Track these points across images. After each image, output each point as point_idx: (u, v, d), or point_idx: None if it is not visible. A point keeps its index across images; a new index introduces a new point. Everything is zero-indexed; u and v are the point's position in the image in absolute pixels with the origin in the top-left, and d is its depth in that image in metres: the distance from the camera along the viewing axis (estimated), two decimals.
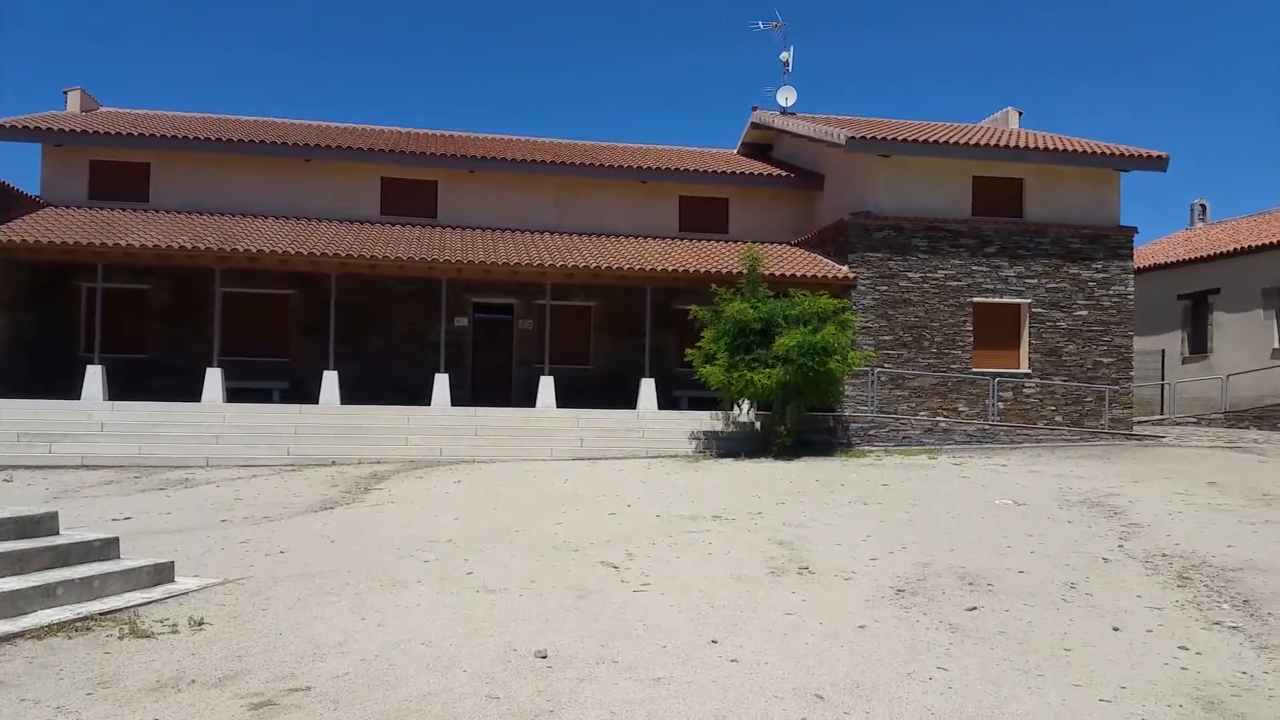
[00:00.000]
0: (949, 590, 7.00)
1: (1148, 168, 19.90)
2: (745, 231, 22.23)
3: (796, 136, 22.79)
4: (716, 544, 8.70)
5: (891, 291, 19.21)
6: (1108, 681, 5.06)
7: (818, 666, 5.22)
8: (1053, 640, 5.81)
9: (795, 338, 16.08)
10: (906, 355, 19.17)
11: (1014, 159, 19.58)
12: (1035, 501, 11.05)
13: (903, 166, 19.43)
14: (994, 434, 18.33)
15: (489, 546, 8.60)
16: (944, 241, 19.38)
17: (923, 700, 4.74)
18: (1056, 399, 19.59)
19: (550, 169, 21.82)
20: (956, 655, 5.49)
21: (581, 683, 4.88)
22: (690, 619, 6.17)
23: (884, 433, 18.05)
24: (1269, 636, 5.87)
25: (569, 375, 20.07)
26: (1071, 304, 19.72)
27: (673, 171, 22.15)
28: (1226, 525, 9.40)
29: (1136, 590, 7.02)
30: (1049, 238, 19.67)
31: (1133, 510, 10.33)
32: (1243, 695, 4.86)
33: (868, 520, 9.96)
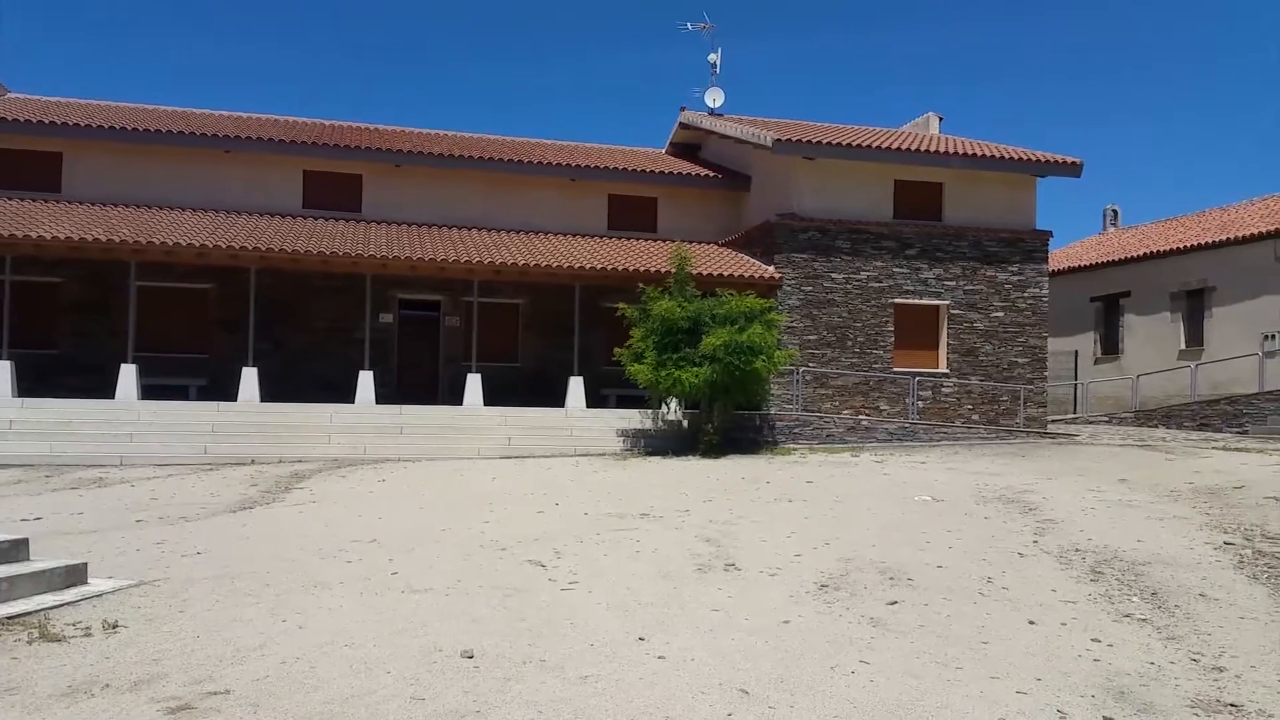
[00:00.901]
0: (871, 585, 7.13)
1: (1063, 174, 20.56)
2: (674, 231, 22.36)
3: (724, 138, 23.00)
4: (644, 542, 8.73)
5: (816, 292, 19.50)
6: (1024, 673, 5.21)
7: (744, 662, 5.27)
8: (971, 633, 5.96)
9: (722, 337, 16.23)
10: (830, 355, 19.49)
11: (934, 164, 20.05)
12: (953, 498, 11.33)
13: (827, 169, 19.74)
14: (914, 432, 18.75)
15: (414, 546, 8.49)
16: (867, 244, 19.75)
17: (846, 693, 4.82)
18: (974, 398, 20.12)
19: (478, 164, 21.61)
20: (878, 649, 5.60)
21: (508, 682, 4.84)
22: (618, 616, 6.18)
23: (808, 431, 18.33)
24: (1175, 628, 6.11)
25: (497, 373, 19.92)
26: (988, 305, 20.27)
27: (602, 170, 22.15)
28: (1136, 521, 9.76)
29: (1051, 584, 7.24)
30: (967, 241, 20.19)
31: (1047, 506, 10.66)
32: (1150, 685, 5.06)
33: (793, 517, 10.10)
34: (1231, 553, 8.19)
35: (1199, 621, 6.22)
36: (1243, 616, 6.33)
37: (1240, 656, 5.51)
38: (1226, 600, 6.72)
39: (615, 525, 9.59)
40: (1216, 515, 9.91)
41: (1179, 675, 5.20)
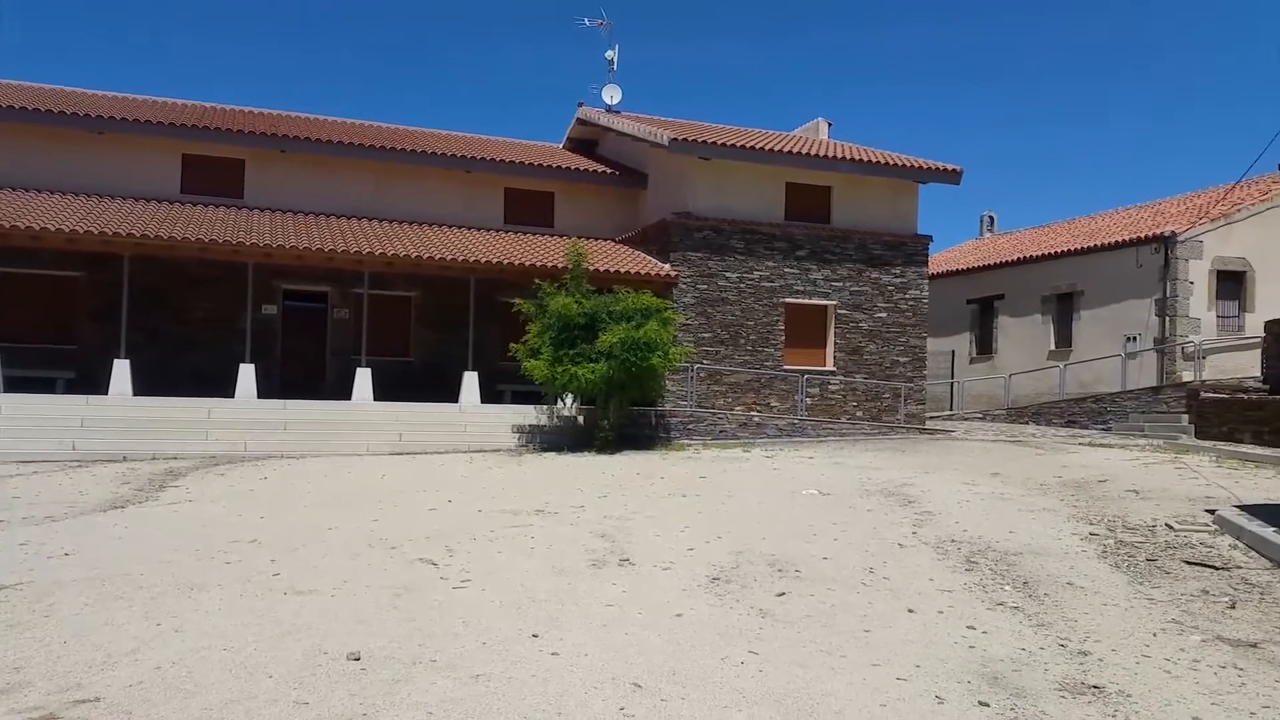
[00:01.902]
0: (760, 577, 7.28)
1: (943, 180, 21.35)
2: (571, 226, 22.31)
3: (621, 135, 23.07)
4: (539, 538, 8.70)
5: (711, 290, 19.77)
6: (904, 660, 5.40)
7: (636, 656, 5.32)
8: (854, 622, 6.15)
9: (619, 333, 16.29)
10: (724, 352, 19.80)
11: (823, 168, 20.56)
12: (839, 492, 11.65)
13: (722, 170, 20.03)
14: (802, 428, 19.21)
15: (298, 546, 8.25)
16: (759, 244, 20.13)
17: (735, 684, 4.92)
18: (858, 395, 20.74)
19: (369, 153, 21.10)
20: (767, 639, 5.72)
21: (397, 684, 4.77)
22: (511, 614, 6.15)
23: (702, 427, 18.58)
24: (1045, 615, 6.43)
25: (387, 367, 19.53)
26: (873, 306, 20.91)
27: (498, 163, 21.92)
28: (1008, 513, 10.22)
29: (929, 574, 7.53)
30: (854, 243, 20.79)
31: (926, 499, 11.06)
32: (1022, 670, 5.31)
33: (686, 512, 10.22)
34: (1096, 543, 8.66)
35: (1066, 609, 6.56)
36: (1105, 603, 6.71)
37: (1103, 641, 5.84)
38: (1091, 588, 7.11)
39: (509, 522, 9.53)
40: (1082, 507, 10.47)
41: (1048, 660, 5.48)
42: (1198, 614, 6.45)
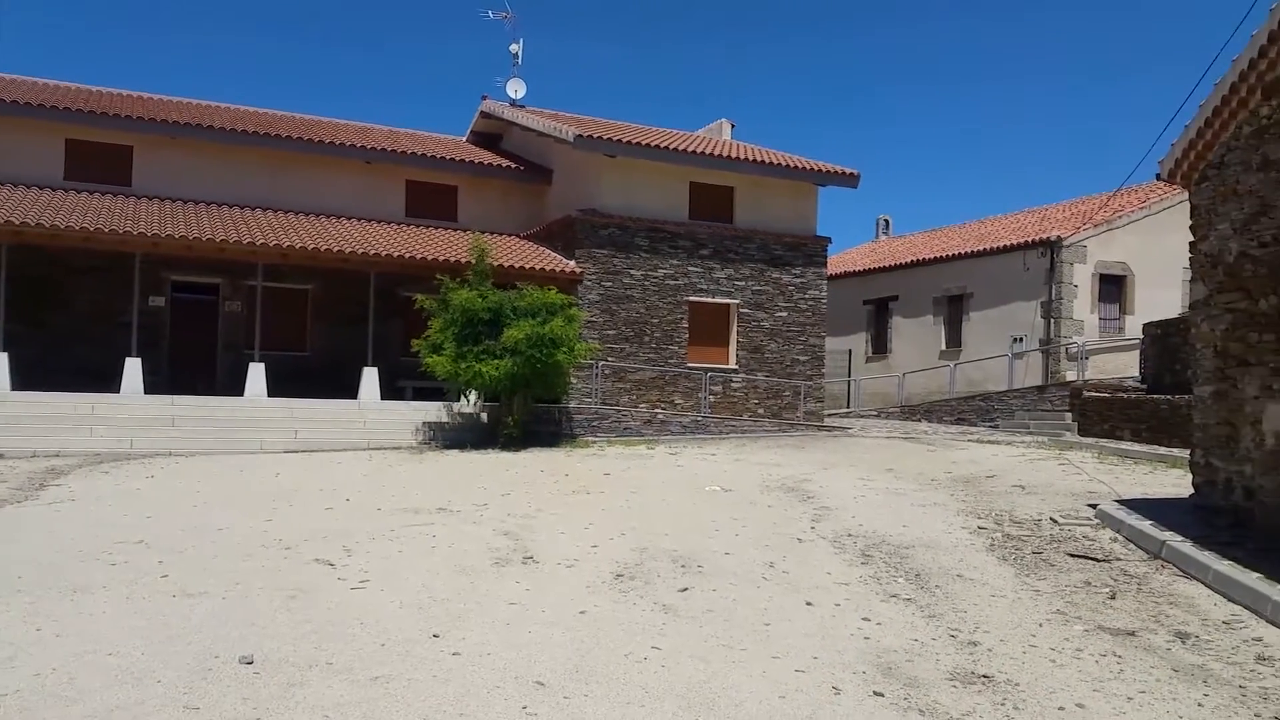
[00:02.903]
0: (664, 573, 7.33)
1: (842, 184, 21.86)
2: (474, 221, 22.05)
3: (526, 130, 22.92)
4: (440, 537, 8.58)
5: (616, 288, 19.81)
6: (802, 652, 5.51)
7: (540, 654, 5.30)
8: (755, 616, 6.25)
9: (524, 329, 16.18)
10: (629, 349, 19.87)
11: (726, 168, 20.82)
12: (740, 488, 11.82)
13: (628, 168, 20.09)
14: (705, 425, 19.43)
15: (187, 547, 7.95)
16: (664, 242, 20.26)
17: (639, 680, 4.94)
18: (760, 393, 21.08)
19: (265, 141, 20.46)
20: (670, 634, 5.77)
21: (292, 687, 4.64)
22: (412, 614, 6.05)
23: (607, 424, 18.61)
24: (936, 606, 6.65)
25: (283, 362, 18.97)
26: (774, 305, 21.29)
27: (399, 154, 21.51)
28: (902, 507, 10.53)
29: (827, 568, 7.70)
30: (756, 244, 21.12)
31: (823, 495, 11.31)
32: (915, 660, 5.48)
33: (590, 509, 10.22)
34: (984, 537, 8.99)
35: (957, 600, 6.80)
36: (994, 595, 6.97)
37: (991, 631, 6.07)
38: (980, 580, 7.38)
39: (410, 521, 9.37)
40: (971, 502, 10.86)
41: (939, 650, 5.67)
42: (1080, 604, 6.75)
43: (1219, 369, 9.05)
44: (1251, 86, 8.42)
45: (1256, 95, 8.42)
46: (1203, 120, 9.12)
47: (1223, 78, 8.73)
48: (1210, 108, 8.97)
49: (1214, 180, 9.20)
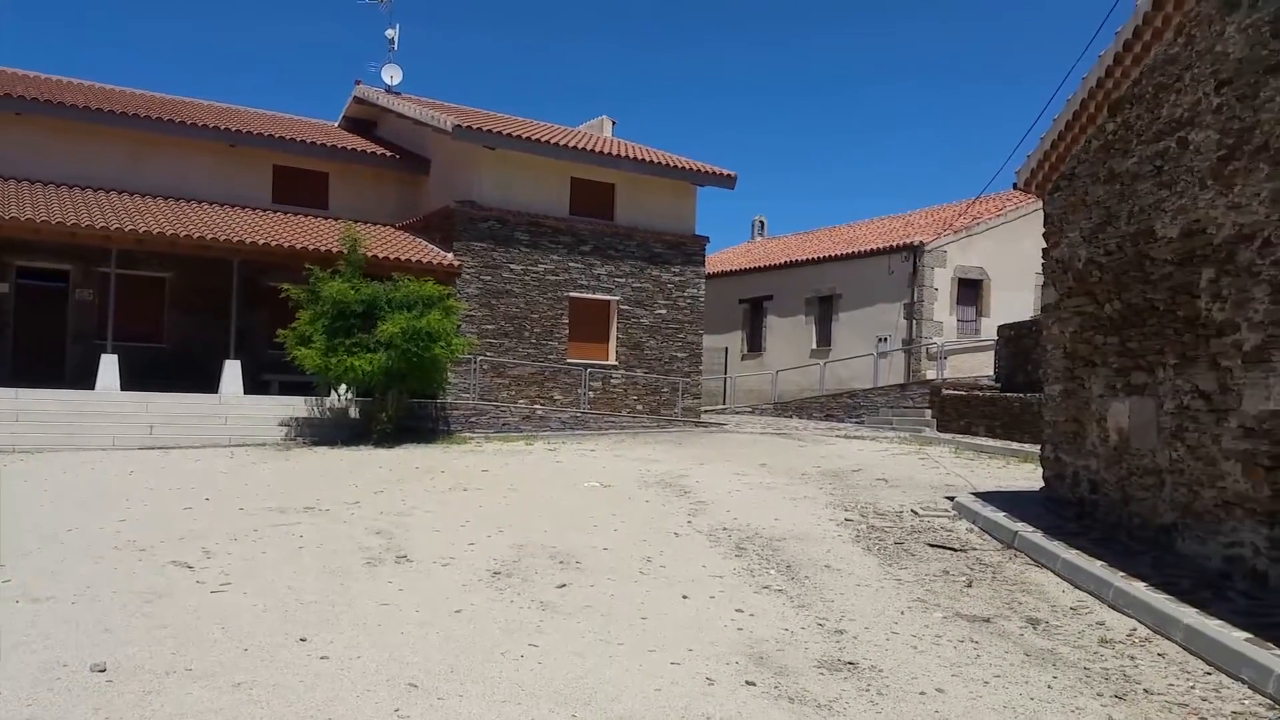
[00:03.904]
0: (542, 570, 7.31)
1: (719, 184, 22.22)
2: (346, 209, 21.39)
3: (402, 117, 22.41)
4: (308, 536, 8.31)
5: (495, 282, 19.60)
6: (678, 645, 5.59)
7: (412, 655, 5.20)
8: (632, 611, 6.30)
9: (400, 322, 15.81)
10: (508, 344, 19.69)
11: (607, 165, 20.87)
12: (619, 483, 11.88)
13: (508, 160, 19.89)
14: (585, 421, 19.43)
15: (32, 550, 7.46)
16: (544, 237, 20.17)
17: (515, 677, 4.91)
18: (639, 389, 21.23)
19: (122, 120, 19.33)
20: (547, 631, 5.75)
21: (148, 695, 4.42)
22: (277, 617, 5.84)
23: (485, 420, 18.39)
24: (805, 597, 6.84)
25: (138, 354, 18.01)
26: (653, 303, 21.47)
27: (266, 138, 20.68)
28: (774, 501, 10.79)
29: (702, 561, 7.82)
30: (636, 241, 21.25)
31: (699, 489, 11.49)
32: (785, 650, 5.63)
33: (467, 506, 10.09)
34: (850, 528, 9.31)
35: (825, 590, 7.01)
36: (859, 584, 7.22)
37: (857, 620, 6.29)
38: (847, 570, 7.64)
39: (276, 520, 9.04)
40: (839, 495, 11.22)
41: (808, 640, 5.84)
42: (940, 593, 7.07)
43: (1067, 369, 9.62)
44: (1099, 103, 8.98)
45: (1104, 112, 8.98)
46: (1056, 133, 9.67)
47: (1074, 94, 9.27)
48: (1063, 122, 9.52)
49: (1065, 190, 9.76)
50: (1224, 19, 7.15)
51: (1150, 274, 8.12)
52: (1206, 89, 7.36)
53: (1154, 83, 8.15)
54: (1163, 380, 7.87)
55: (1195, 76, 7.53)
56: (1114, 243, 8.74)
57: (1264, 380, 6.56)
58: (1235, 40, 7.02)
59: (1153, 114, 8.16)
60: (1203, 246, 7.35)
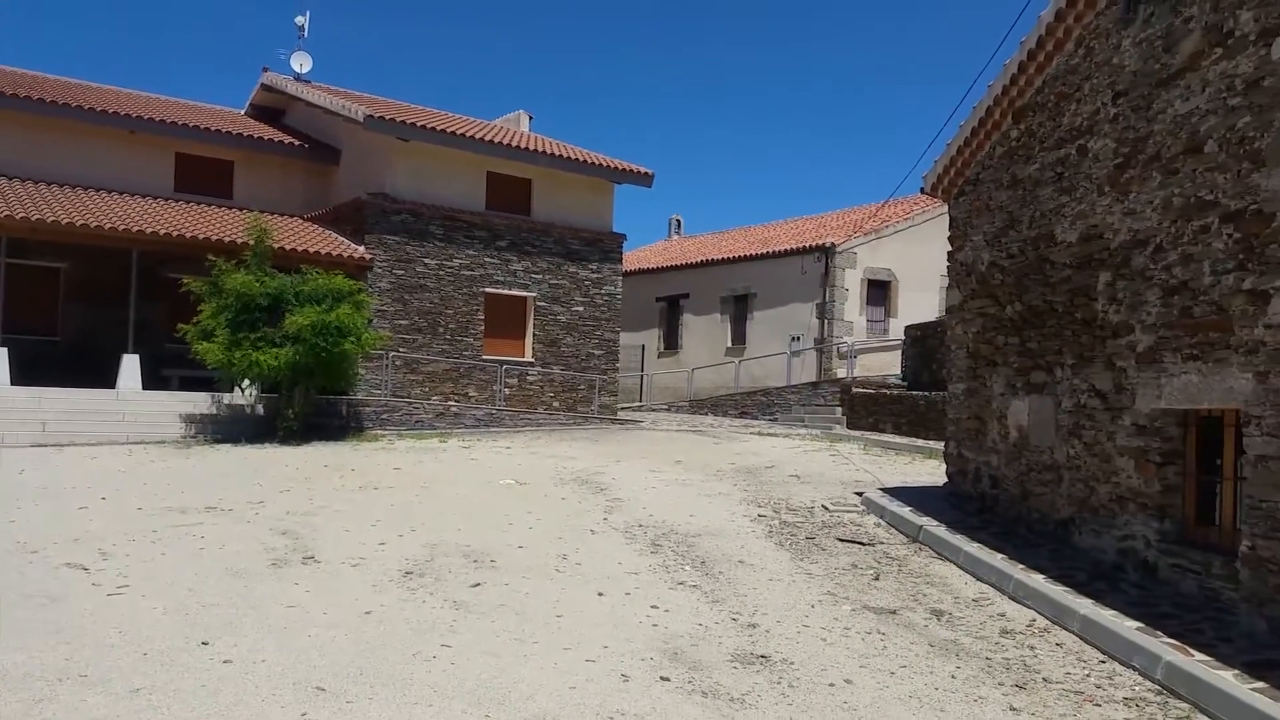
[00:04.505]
0: (455, 569, 7.22)
1: (637, 182, 22.28)
2: (253, 200, 20.75)
3: (312, 106, 21.85)
4: (210, 537, 8.05)
5: (408, 276, 19.28)
6: (593, 643, 5.58)
7: (320, 658, 5.08)
8: (547, 609, 6.27)
9: (309, 316, 15.41)
10: (422, 340, 19.39)
11: (524, 160, 20.72)
12: (535, 481, 11.82)
13: (422, 153, 19.59)
14: (500, 418, 19.27)
15: None
16: (460, 232, 19.92)
17: (427, 679, 4.84)
18: (555, 386, 21.15)
19: (15, 103, 18.33)
20: (460, 631, 5.69)
21: (39, 703, 4.22)
22: (177, 621, 5.64)
23: (397, 417, 18.07)
24: (719, 592, 6.91)
25: (30, 347, 17.15)
26: (570, 300, 21.42)
27: (168, 124, 19.92)
28: (689, 498, 10.87)
29: (618, 558, 7.83)
30: (553, 238, 21.17)
31: (616, 486, 11.51)
32: (699, 644, 5.67)
33: (378, 505, 9.90)
34: (764, 524, 9.44)
35: (738, 585, 7.10)
36: (772, 579, 7.33)
37: (769, 614, 6.38)
38: (760, 565, 7.75)
39: (176, 520, 8.73)
40: (752, 491, 11.37)
41: (722, 634, 5.90)
42: (849, 586, 7.22)
43: (970, 368, 9.92)
44: (1004, 111, 9.28)
45: (1008, 119, 9.28)
46: (962, 139, 9.96)
47: (980, 101, 9.56)
48: (969, 128, 9.81)
49: (970, 195, 10.06)
50: (1120, 33, 7.47)
51: (1050, 277, 8.42)
52: (1104, 99, 7.67)
53: (1056, 92, 8.46)
54: (1061, 380, 8.18)
55: (1094, 87, 7.84)
56: (1016, 246, 9.05)
57: (1155, 380, 6.87)
58: (1131, 53, 7.33)
59: (1054, 122, 8.47)
60: (1100, 251, 7.66)
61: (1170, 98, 6.80)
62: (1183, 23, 6.70)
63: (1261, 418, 5.73)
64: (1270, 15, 5.84)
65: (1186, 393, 6.53)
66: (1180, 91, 6.69)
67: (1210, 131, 6.35)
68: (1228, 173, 6.16)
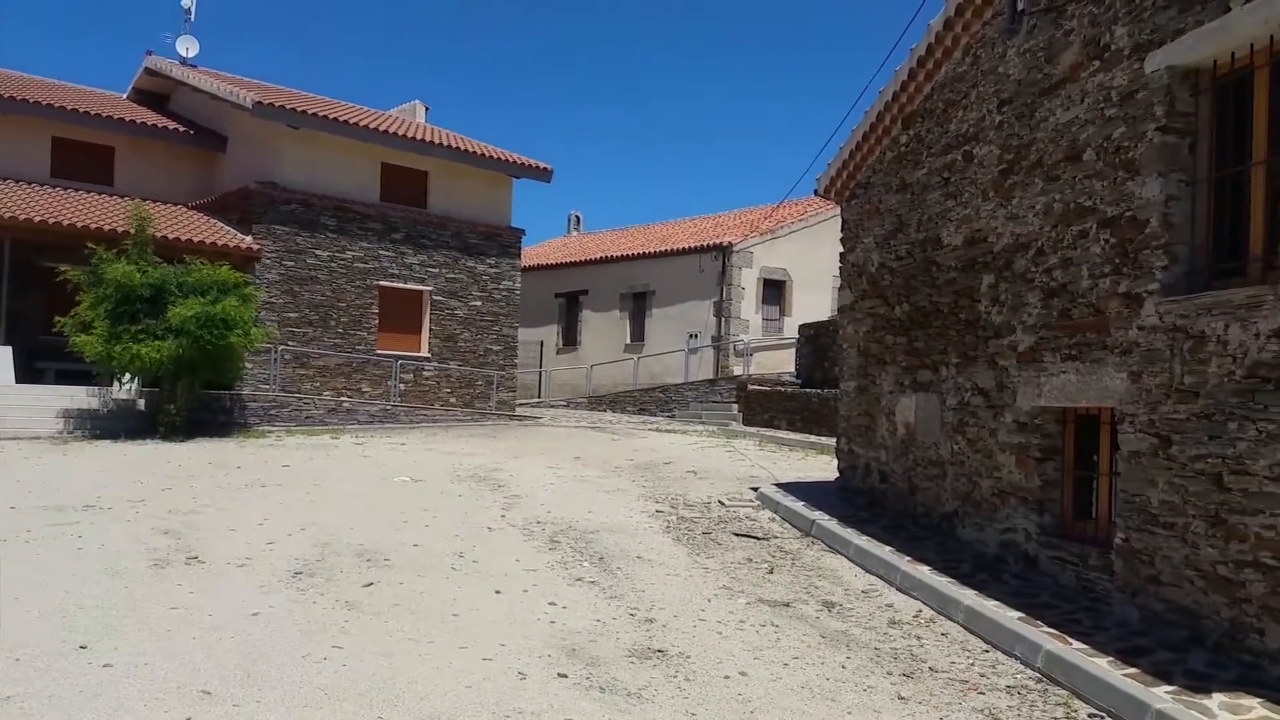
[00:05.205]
0: (347, 568, 7.06)
1: (536, 177, 22.17)
2: (135, 187, 19.84)
3: (199, 91, 21.03)
4: (89, 536, 7.67)
5: (299, 268, 18.75)
6: (490, 641, 5.54)
7: (205, 661, 4.91)
8: (442, 608, 6.19)
9: (193, 308, 14.82)
10: (313, 334, 18.89)
11: (420, 151, 20.39)
12: (431, 478, 11.65)
13: (314, 142, 19.08)
14: (395, 414, 18.91)
15: None
16: (353, 223, 19.47)
17: (317, 681, 4.73)
18: (452, 382, 20.88)
19: None
20: (352, 632, 5.57)
21: None
22: (53, 624, 5.36)
23: (287, 412, 17.54)
24: (617, 587, 6.94)
25: None
26: (468, 294, 21.17)
27: (45, 106, 18.89)
28: (587, 494, 10.88)
29: (516, 555, 7.79)
30: (450, 231, 20.88)
31: (514, 483, 11.43)
32: (597, 640, 5.69)
33: (266, 503, 9.60)
34: (661, 520, 9.52)
35: (636, 580, 7.14)
36: (669, 574, 7.40)
37: (666, 608, 6.44)
38: (657, 560, 7.81)
39: (52, 519, 8.29)
40: (650, 487, 11.45)
41: (620, 630, 5.93)
42: (743, 579, 7.35)
43: (861, 367, 10.21)
44: (894, 116, 9.57)
45: (898, 124, 9.57)
46: (854, 144, 10.23)
47: (871, 106, 9.83)
48: (860, 133, 10.08)
49: (862, 198, 10.34)
50: (1006, 43, 7.78)
51: (936, 279, 8.73)
52: (990, 107, 7.99)
53: (944, 98, 8.77)
54: (946, 378, 8.49)
55: (980, 94, 8.16)
56: (904, 249, 9.35)
57: (1035, 379, 7.20)
58: (1015, 63, 7.65)
59: (942, 128, 8.77)
60: (984, 254, 7.97)
61: (1052, 107, 7.12)
62: (1063, 35, 7.03)
63: (1135, 415, 6.05)
64: (1143, 31, 6.18)
65: (1065, 391, 6.86)
66: (1061, 101, 7.01)
67: (1089, 140, 6.68)
68: (1105, 180, 6.49)
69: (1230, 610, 5.26)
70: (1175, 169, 5.96)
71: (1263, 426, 5.09)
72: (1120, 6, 6.41)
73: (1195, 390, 5.56)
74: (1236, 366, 5.28)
